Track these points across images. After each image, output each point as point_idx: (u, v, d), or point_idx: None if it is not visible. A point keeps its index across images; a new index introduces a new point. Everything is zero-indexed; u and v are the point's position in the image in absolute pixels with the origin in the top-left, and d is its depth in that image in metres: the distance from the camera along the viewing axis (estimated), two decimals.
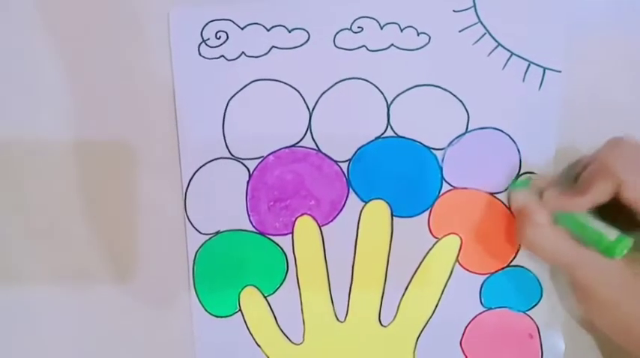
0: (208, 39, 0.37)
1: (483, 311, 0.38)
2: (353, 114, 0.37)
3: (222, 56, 0.37)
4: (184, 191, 0.38)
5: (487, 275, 0.37)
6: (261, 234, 0.38)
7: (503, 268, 0.37)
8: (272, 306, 0.38)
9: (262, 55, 0.37)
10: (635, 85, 0.37)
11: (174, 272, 0.38)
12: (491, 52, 0.37)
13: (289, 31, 0.37)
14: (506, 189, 0.37)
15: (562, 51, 0.36)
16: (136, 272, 0.38)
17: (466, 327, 0.38)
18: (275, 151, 0.38)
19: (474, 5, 0.36)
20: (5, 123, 0.38)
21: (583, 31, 0.36)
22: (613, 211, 0.33)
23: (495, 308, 0.38)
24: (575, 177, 0.35)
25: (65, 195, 0.38)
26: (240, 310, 0.38)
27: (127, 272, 0.39)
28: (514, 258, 0.37)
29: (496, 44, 0.36)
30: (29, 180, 0.38)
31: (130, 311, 0.39)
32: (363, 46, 0.37)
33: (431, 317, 0.38)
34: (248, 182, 0.38)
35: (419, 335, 0.38)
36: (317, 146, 0.37)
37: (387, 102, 0.37)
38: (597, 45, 0.37)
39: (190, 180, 0.38)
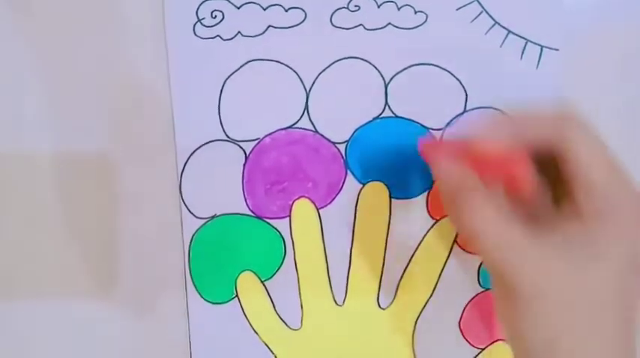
0: (204, 18, 0.36)
1: (481, 292, 0.38)
2: (350, 95, 0.37)
3: (218, 36, 0.36)
4: (179, 174, 0.37)
5: None
6: (258, 217, 0.37)
7: None
8: (269, 291, 0.38)
9: (258, 35, 0.37)
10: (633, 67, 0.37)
11: (170, 258, 0.38)
12: (488, 31, 0.37)
13: (286, 10, 0.36)
14: None
15: (559, 29, 0.36)
16: (131, 257, 0.38)
17: (464, 308, 0.38)
18: (271, 133, 0.37)
19: None
20: None
21: (580, 8, 0.37)
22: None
23: None
24: None
25: (56, 175, 0.37)
26: (236, 296, 0.38)
27: (120, 258, 0.38)
28: None
29: (493, 22, 0.36)
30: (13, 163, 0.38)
31: (124, 297, 0.38)
32: (360, 24, 0.37)
33: (429, 298, 0.38)
34: (244, 165, 0.37)
35: (418, 317, 0.38)
36: (314, 127, 0.37)
37: (384, 82, 0.37)
38: (595, 23, 0.37)
39: (186, 163, 0.37)
